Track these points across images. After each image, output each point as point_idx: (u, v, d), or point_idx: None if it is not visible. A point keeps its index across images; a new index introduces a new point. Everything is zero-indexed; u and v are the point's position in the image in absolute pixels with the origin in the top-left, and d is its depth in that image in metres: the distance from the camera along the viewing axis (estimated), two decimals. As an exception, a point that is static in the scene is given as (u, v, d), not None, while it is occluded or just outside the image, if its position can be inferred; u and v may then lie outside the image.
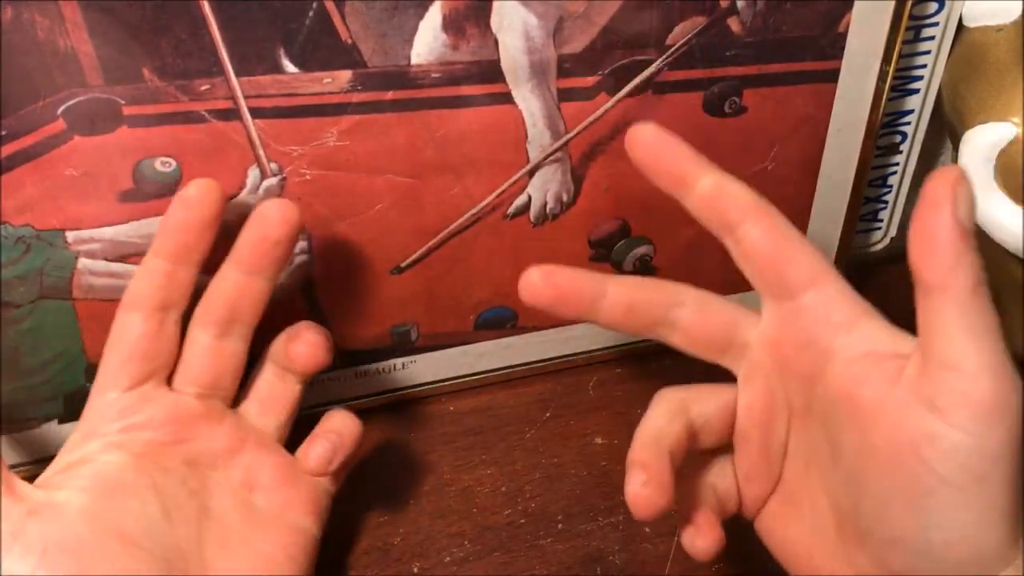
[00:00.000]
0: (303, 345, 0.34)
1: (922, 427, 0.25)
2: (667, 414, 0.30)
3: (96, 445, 0.32)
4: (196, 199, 0.32)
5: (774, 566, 0.34)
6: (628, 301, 0.31)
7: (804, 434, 0.30)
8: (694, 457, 0.32)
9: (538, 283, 0.30)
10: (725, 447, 0.32)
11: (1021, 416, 0.25)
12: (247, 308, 0.34)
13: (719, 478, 0.32)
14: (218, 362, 0.34)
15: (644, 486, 0.28)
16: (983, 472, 0.25)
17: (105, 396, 0.32)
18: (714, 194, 0.30)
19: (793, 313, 0.30)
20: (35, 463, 0.40)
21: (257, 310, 0.34)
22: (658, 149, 0.30)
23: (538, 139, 0.37)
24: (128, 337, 0.32)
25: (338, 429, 0.35)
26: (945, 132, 0.46)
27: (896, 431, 0.26)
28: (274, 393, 0.35)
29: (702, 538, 0.30)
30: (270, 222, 0.32)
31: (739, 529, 0.32)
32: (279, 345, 0.35)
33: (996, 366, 0.25)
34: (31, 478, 0.40)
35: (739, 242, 0.30)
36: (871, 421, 0.27)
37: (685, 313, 0.31)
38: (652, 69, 0.37)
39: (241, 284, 0.33)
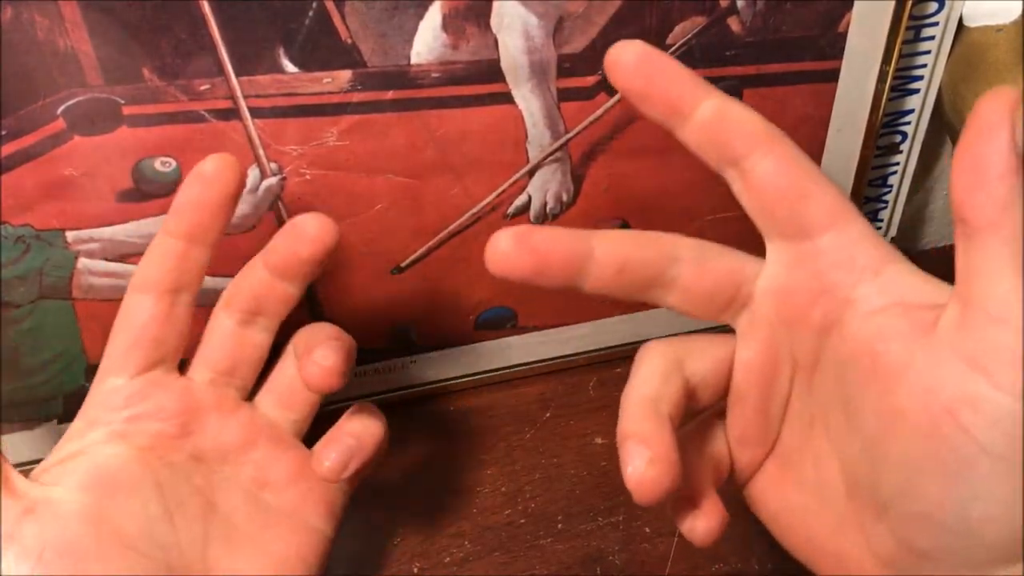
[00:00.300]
0: (315, 367, 0.30)
1: (962, 388, 0.22)
2: (661, 373, 0.26)
3: (99, 435, 0.30)
4: (213, 175, 0.29)
5: (775, 566, 0.34)
6: (619, 260, 0.26)
7: (811, 392, 0.27)
8: (687, 421, 0.28)
9: (510, 250, 0.25)
10: (717, 406, 0.29)
11: None
12: (273, 305, 0.32)
13: (710, 442, 0.28)
14: (239, 349, 0.32)
15: (650, 465, 0.24)
16: None
17: (110, 382, 0.31)
18: (716, 121, 0.26)
19: (808, 256, 0.26)
20: (35, 463, 0.40)
21: (284, 309, 0.32)
22: (646, 70, 0.25)
23: (538, 139, 0.37)
24: (136, 320, 0.30)
25: (357, 432, 0.31)
26: (945, 132, 0.46)
27: (929, 393, 0.23)
28: (293, 387, 0.33)
29: (704, 519, 0.26)
30: (303, 239, 0.30)
31: (739, 531, 0.32)
32: (299, 341, 0.32)
33: None
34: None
35: (745, 175, 0.26)
36: (898, 381, 0.23)
37: (683, 270, 0.26)
38: (652, 69, 0.37)
39: (268, 282, 0.31)
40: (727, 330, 0.28)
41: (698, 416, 0.29)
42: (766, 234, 0.27)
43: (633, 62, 0.25)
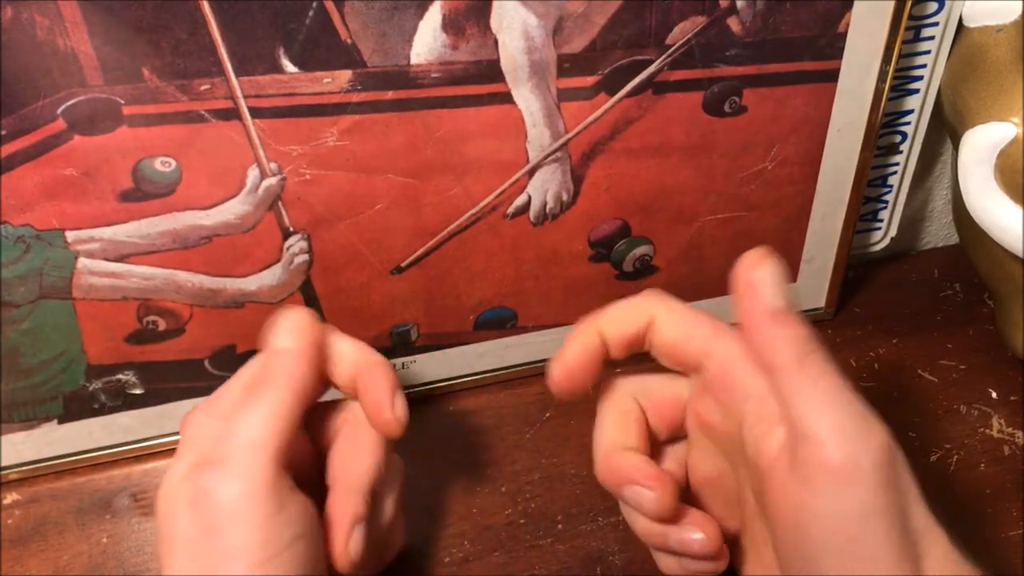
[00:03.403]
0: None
1: (795, 498, 0.26)
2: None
3: None
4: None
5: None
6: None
7: (749, 487, 0.31)
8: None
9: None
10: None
11: (882, 471, 0.25)
12: None
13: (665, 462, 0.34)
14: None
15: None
16: (853, 534, 0.25)
17: None
18: (615, 337, 0.31)
19: (708, 384, 0.30)
20: (35, 463, 0.40)
21: None
22: (569, 374, 0.32)
23: (538, 139, 0.37)
24: None
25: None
26: (945, 132, 0.46)
27: (782, 500, 0.27)
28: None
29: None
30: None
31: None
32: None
33: (842, 428, 0.26)
34: (31, 478, 0.41)
35: (651, 344, 0.32)
36: (768, 488, 0.28)
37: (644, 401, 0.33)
38: (652, 69, 0.37)
39: None
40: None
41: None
42: (683, 372, 0.32)
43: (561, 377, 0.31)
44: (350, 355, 0.32)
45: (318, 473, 0.32)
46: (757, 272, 0.28)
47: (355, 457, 0.32)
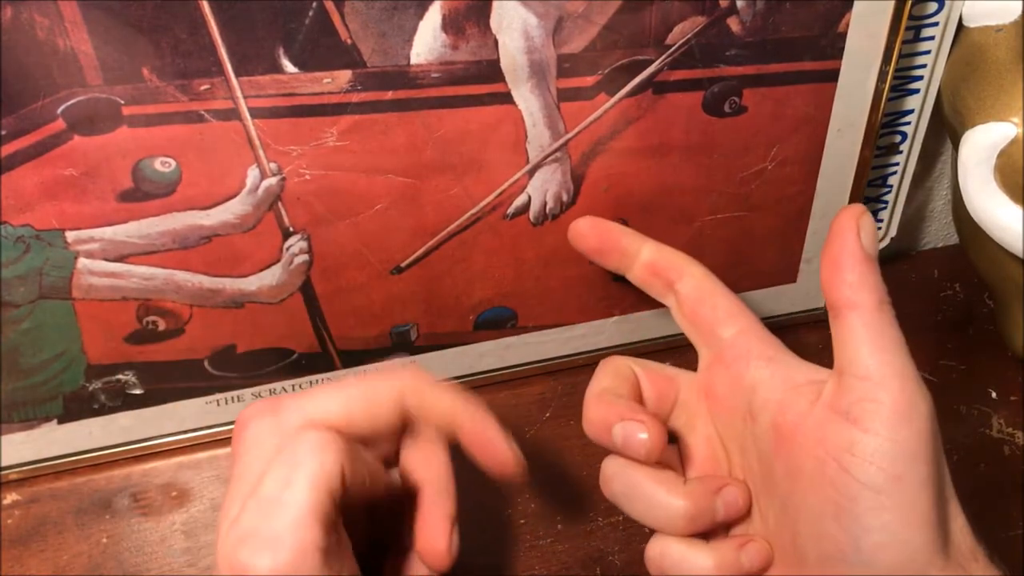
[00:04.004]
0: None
1: (841, 438, 0.27)
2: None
3: None
4: None
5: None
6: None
7: (746, 472, 0.32)
8: None
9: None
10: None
11: (930, 420, 0.27)
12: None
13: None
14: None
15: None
16: (900, 472, 0.27)
17: None
18: (655, 259, 0.35)
19: (719, 353, 0.33)
20: (35, 463, 0.40)
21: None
22: (600, 232, 0.36)
23: (538, 139, 0.37)
24: None
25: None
26: (945, 132, 0.46)
27: (818, 447, 0.28)
28: None
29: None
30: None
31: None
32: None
33: (903, 374, 0.27)
34: (31, 478, 0.41)
35: (677, 296, 0.35)
36: (795, 443, 0.29)
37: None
38: (652, 69, 0.37)
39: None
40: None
41: None
42: (695, 344, 0.34)
43: (588, 230, 0.37)
44: (446, 413, 0.31)
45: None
46: (863, 218, 0.29)
47: (430, 461, 0.32)
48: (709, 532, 0.32)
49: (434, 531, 0.31)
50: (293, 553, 0.25)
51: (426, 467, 0.32)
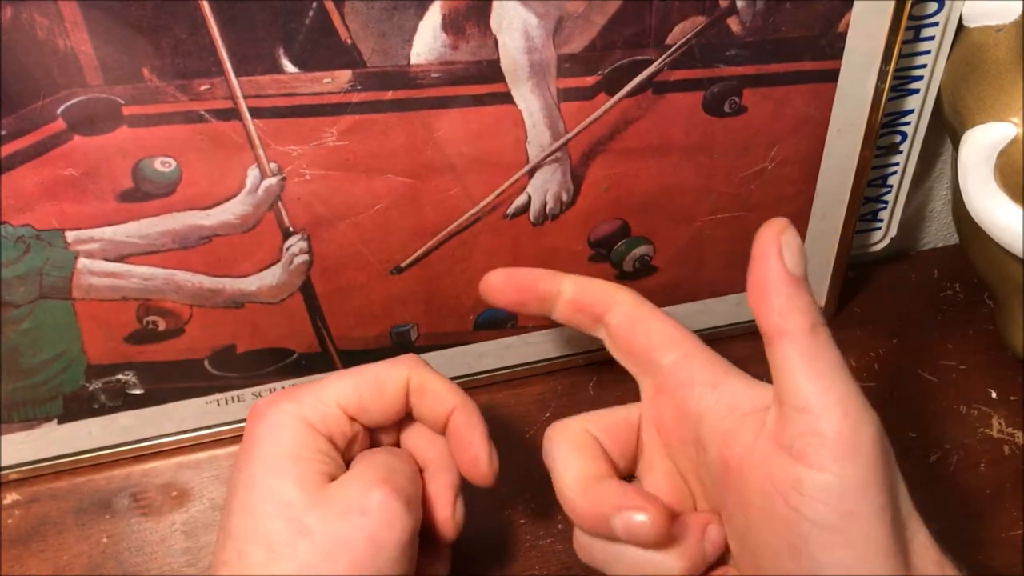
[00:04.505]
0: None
1: (787, 474, 0.26)
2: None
3: None
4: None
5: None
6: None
7: (708, 502, 0.31)
8: None
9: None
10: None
11: (879, 444, 0.26)
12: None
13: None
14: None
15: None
16: (851, 507, 0.25)
17: None
18: (577, 295, 0.32)
19: (661, 382, 0.31)
20: (35, 463, 0.40)
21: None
22: (514, 283, 0.33)
23: (538, 139, 0.37)
24: None
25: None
26: (945, 132, 0.46)
27: (765, 482, 0.26)
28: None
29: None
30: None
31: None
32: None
33: (844, 400, 0.25)
34: (31, 478, 0.41)
35: (607, 328, 0.32)
36: (742, 477, 0.27)
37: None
38: (652, 69, 0.37)
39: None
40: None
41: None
42: (635, 375, 0.32)
43: (503, 281, 0.33)
44: (446, 396, 0.32)
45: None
46: (785, 236, 0.27)
47: (432, 442, 0.33)
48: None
49: (440, 501, 0.32)
50: None
51: (428, 447, 0.33)
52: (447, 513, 0.32)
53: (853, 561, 0.25)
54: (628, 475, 0.33)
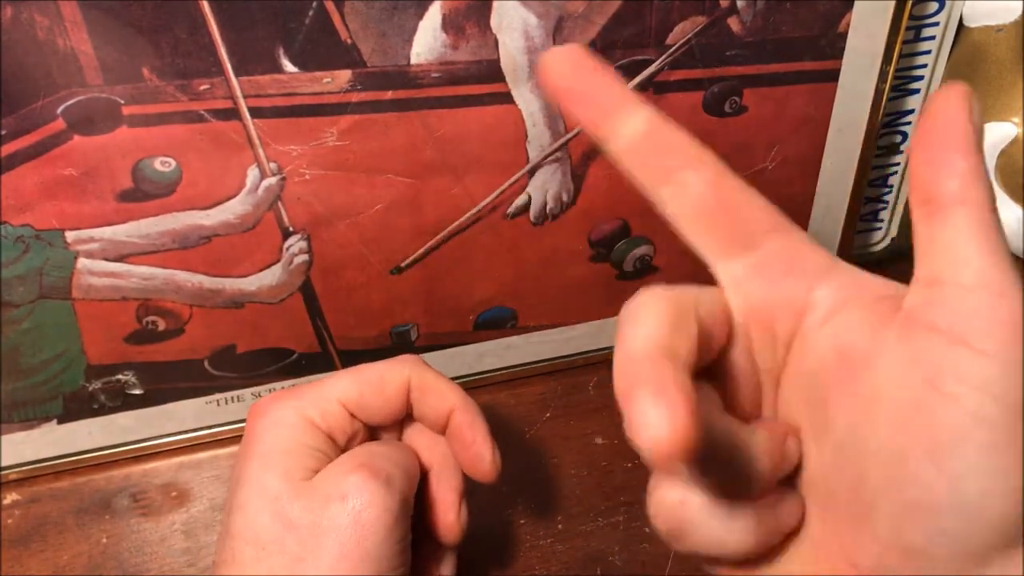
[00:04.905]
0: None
1: (944, 359, 0.21)
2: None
3: None
4: None
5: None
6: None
7: (786, 411, 0.26)
8: None
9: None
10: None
11: None
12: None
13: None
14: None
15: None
16: (1019, 403, 0.21)
17: None
18: (651, 135, 0.25)
19: (757, 269, 0.25)
20: (35, 463, 0.40)
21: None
22: (577, 74, 0.24)
23: (538, 139, 0.37)
24: None
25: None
26: (945, 132, 0.46)
27: (907, 372, 0.22)
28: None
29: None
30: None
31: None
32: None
33: (1020, 287, 0.21)
34: (30, 478, 0.41)
35: (678, 191, 0.25)
36: (869, 368, 0.23)
37: None
38: (652, 69, 0.37)
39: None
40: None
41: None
42: (711, 257, 0.25)
43: (563, 68, 0.24)
44: (446, 395, 0.32)
45: None
46: (975, 100, 0.22)
47: (434, 444, 0.33)
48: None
49: (444, 505, 0.32)
50: None
51: (430, 450, 0.33)
52: (451, 516, 0.32)
53: (1011, 466, 0.21)
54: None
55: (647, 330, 0.23)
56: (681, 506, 0.24)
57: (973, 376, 0.21)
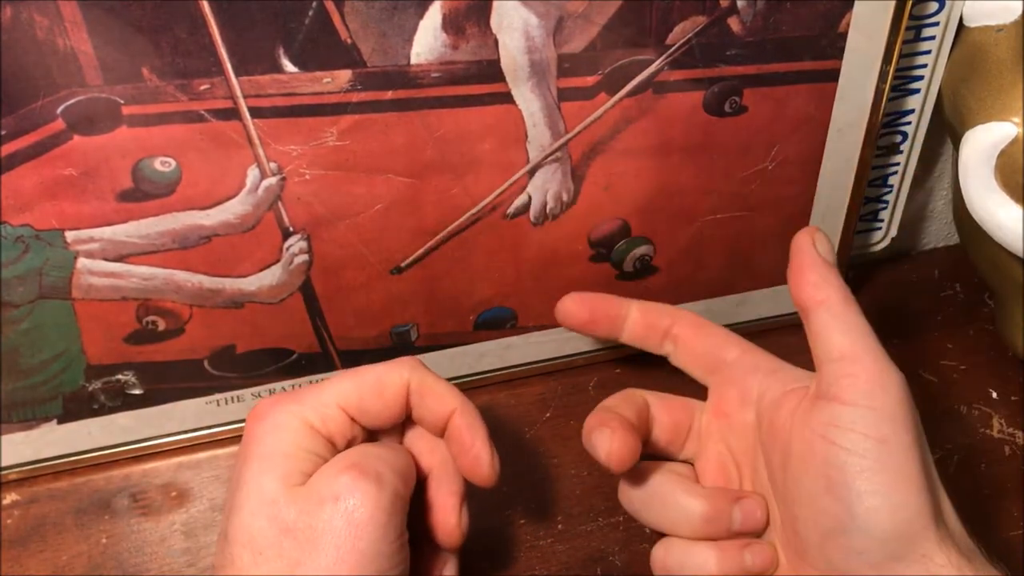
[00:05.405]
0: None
1: (824, 415, 0.30)
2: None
3: None
4: None
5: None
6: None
7: (758, 486, 0.34)
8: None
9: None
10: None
11: (906, 394, 0.30)
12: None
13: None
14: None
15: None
16: (883, 435, 0.29)
17: None
18: (645, 313, 0.37)
19: (727, 375, 0.36)
20: (35, 463, 0.40)
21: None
22: (589, 305, 0.37)
23: (538, 139, 0.37)
24: None
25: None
26: (945, 132, 0.46)
27: (805, 429, 0.31)
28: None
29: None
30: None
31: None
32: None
33: (874, 351, 0.30)
34: (30, 478, 0.41)
35: (675, 341, 0.37)
36: (788, 434, 0.31)
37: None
38: (652, 69, 0.37)
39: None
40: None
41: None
42: (702, 377, 0.37)
43: (577, 304, 0.37)
44: (446, 398, 0.32)
45: None
46: (816, 233, 0.33)
47: (434, 448, 0.33)
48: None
49: (444, 509, 0.32)
50: None
51: (430, 454, 0.33)
52: (452, 520, 0.32)
53: (888, 486, 0.28)
54: (671, 455, 0.37)
55: (605, 402, 0.35)
56: (666, 553, 0.34)
57: (844, 421, 0.29)
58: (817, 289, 0.32)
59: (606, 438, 0.32)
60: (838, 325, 0.31)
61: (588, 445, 0.33)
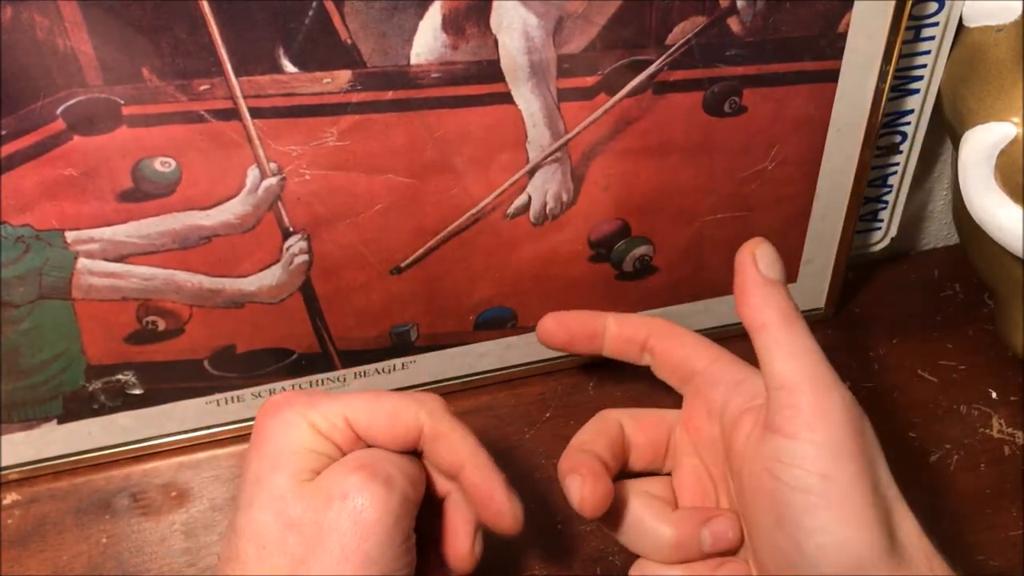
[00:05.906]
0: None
1: (769, 449, 0.29)
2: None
3: None
4: None
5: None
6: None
7: (731, 501, 0.33)
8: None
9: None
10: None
11: (853, 420, 0.28)
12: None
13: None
14: None
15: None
16: (825, 471, 0.27)
17: None
18: (622, 326, 0.35)
19: (696, 386, 0.34)
20: (35, 463, 0.40)
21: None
22: (567, 325, 0.35)
23: (538, 139, 0.37)
24: None
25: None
26: (945, 132, 0.46)
27: (753, 463, 0.29)
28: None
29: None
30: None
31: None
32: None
33: (815, 376, 0.28)
34: (30, 478, 0.41)
35: (652, 353, 0.35)
36: (742, 462, 0.31)
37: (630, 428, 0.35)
38: (652, 69, 0.37)
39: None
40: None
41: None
42: (678, 387, 0.35)
43: (556, 324, 0.35)
44: (458, 448, 0.31)
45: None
46: (758, 247, 0.31)
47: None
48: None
49: (459, 536, 0.32)
50: None
51: (446, 480, 0.33)
52: (466, 548, 0.32)
53: (834, 523, 0.27)
54: (655, 471, 0.35)
55: (579, 436, 0.34)
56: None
57: (786, 456, 0.28)
58: (758, 312, 0.30)
59: (577, 486, 0.31)
60: (779, 350, 0.29)
61: (563, 486, 0.32)
